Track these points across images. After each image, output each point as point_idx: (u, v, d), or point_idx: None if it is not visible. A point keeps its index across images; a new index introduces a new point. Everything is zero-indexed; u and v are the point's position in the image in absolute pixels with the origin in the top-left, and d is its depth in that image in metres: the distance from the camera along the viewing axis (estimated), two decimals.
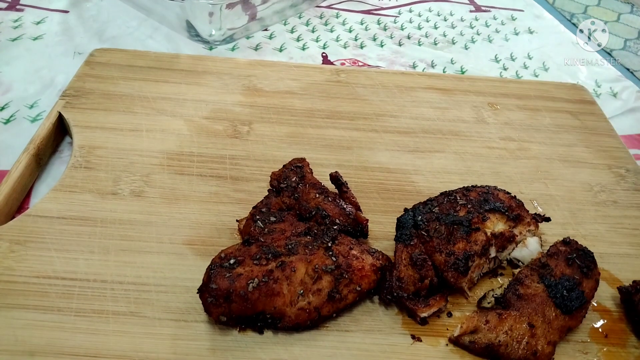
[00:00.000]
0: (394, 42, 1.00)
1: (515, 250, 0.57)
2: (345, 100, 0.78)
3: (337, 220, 0.55)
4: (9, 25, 0.90)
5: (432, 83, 0.83)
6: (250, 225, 0.54)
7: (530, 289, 0.52)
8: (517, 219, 0.57)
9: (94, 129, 0.67)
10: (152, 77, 0.77)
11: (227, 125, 0.71)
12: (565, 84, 0.87)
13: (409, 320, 0.51)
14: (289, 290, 0.48)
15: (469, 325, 0.50)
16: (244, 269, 0.48)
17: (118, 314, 0.49)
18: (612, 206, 0.66)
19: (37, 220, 0.56)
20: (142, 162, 0.64)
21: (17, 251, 0.53)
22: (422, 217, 0.56)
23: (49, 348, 0.46)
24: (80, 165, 0.63)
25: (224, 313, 0.47)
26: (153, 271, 0.53)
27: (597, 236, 0.62)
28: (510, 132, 0.76)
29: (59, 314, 0.48)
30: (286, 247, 0.50)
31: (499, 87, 0.84)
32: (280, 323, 0.48)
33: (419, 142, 0.72)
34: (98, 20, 0.94)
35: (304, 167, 0.61)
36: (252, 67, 0.82)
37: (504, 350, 0.48)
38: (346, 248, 0.52)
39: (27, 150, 0.63)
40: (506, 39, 1.05)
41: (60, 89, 0.77)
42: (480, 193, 0.59)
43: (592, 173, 0.71)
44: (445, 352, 0.50)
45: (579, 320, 0.51)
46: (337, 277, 0.50)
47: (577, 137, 0.76)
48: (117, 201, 0.59)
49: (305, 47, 0.95)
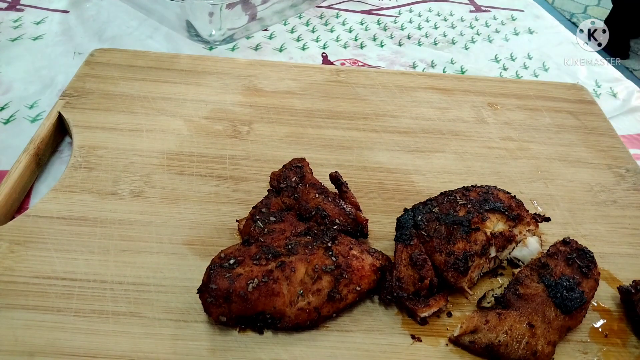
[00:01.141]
0: (394, 42, 1.00)
1: (515, 250, 0.57)
2: (345, 100, 0.78)
3: (337, 220, 0.55)
4: (9, 25, 0.90)
5: (432, 83, 0.83)
6: (250, 225, 0.54)
7: (530, 289, 0.52)
8: (517, 218, 0.57)
9: (94, 129, 0.67)
10: (152, 77, 0.77)
11: (227, 125, 0.71)
12: (565, 84, 0.87)
13: (409, 320, 0.51)
14: (289, 290, 0.48)
15: (469, 325, 0.49)
16: (243, 269, 0.48)
17: (118, 314, 0.49)
18: (612, 206, 0.66)
19: (37, 221, 0.56)
20: (142, 162, 0.64)
21: (17, 251, 0.53)
22: (422, 217, 0.56)
23: (49, 348, 0.46)
24: (80, 165, 0.63)
25: (223, 313, 0.47)
26: (153, 271, 0.53)
27: (597, 236, 0.62)
28: (510, 132, 0.76)
29: (58, 314, 0.48)
30: (286, 247, 0.50)
31: (499, 87, 0.84)
32: (280, 323, 0.48)
33: (419, 142, 0.72)
34: (98, 20, 0.94)
35: (303, 167, 0.61)
36: (252, 67, 0.82)
37: (503, 350, 0.48)
38: (346, 248, 0.52)
39: (27, 150, 0.63)
40: (506, 39, 1.05)
41: (60, 89, 0.77)
42: (480, 193, 0.59)
43: (592, 173, 0.70)
44: (445, 352, 0.50)
45: (578, 320, 0.51)
46: (337, 277, 0.50)
47: (577, 137, 0.76)
48: (117, 201, 0.59)
49: (305, 47, 0.95)
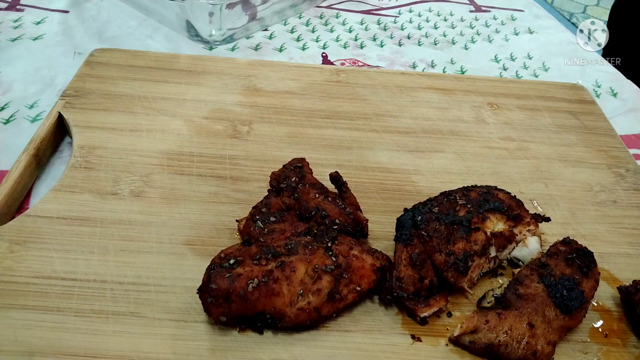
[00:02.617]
0: (394, 42, 1.00)
1: (515, 250, 0.57)
2: (345, 100, 0.78)
3: (337, 220, 0.55)
4: (9, 25, 0.90)
5: (432, 83, 0.83)
6: (250, 225, 0.54)
7: (530, 289, 0.52)
8: (517, 218, 0.57)
9: (94, 129, 0.67)
10: (152, 77, 0.77)
11: (227, 125, 0.71)
12: (565, 84, 0.87)
13: (409, 320, 0.51)
14: (289, 290, 0.48)
15: (469, 325, 0.49)
16: (243, 269, 0.48)
17: (118, 314, 0.49)
18: (612, 206, 0.66)
19: (37, 221, 0.56)
20: (142, 162, 0.64)
21: (17, 251, 0.53)
22: (422, 217, 0.56)
23: (49, 348, 0.46)
24: (80, 165, 0.63)
25: (223, 313, 0.47)
26: (153, 271, 0.53)
27: (597, 236, 0.62)
28: (510, 132, 0.76)
29: (58, 314, 0.48)
30: (286, 247, 0.50)
31: (499, 87, 0.84)
32: (280, 323, 0.48)
33: (419, 142, 0.72)
34: (98, 20, 0.94)
35: (303, 167, 0.61)
36: (252, 67, 0.82)
37: (503, 350, 0.48)
38: (346, 248, 0.52)
39: (27, 150, 0.63)
40: (506, 39, 1.05)
41: (60, 89, 0.77)
42: (480, 193, 0.59)
43: (592, 173, 0.70)
44: (445, 352, 0.50)
45: (578, 320, 0.51)
46: (337, 277, 0.50)
47: (577, 137, 0.76)
48: (117, 201, 0.59)
49: (305, 47, 0.95)
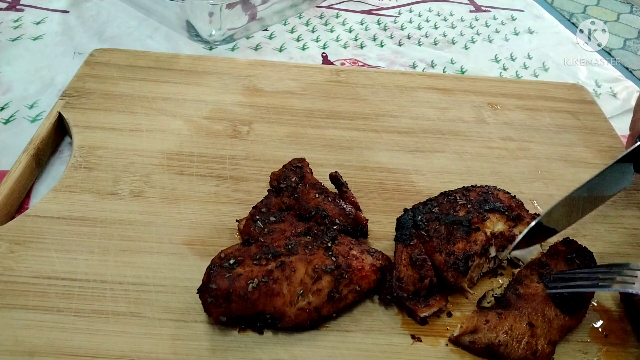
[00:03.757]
0: (394, 42, 1.00)
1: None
2: (345, 100, 0.78)
3: (337, 220, 0.55)
4: (9, 25, 0.90)
5: (432, 83, 0.83)
6: (250, 225, 0.54)
7: (530, 289, 0.52)
8: (517, 218, 0.57)
9: (93, 129, 0.67)
10: (152, 77, 0.77)
11: (227, 125, 0.71)
12: (565, 84, 0.87)
13: (409, 320, 0.51)
14: (289, 290, 0.48)
15: (469, 325, 0.49)
16: (243, 269, 0.48)
17: (118, 314, 0.49)
18: (611, 206, 0.66)
19: (37, 221, 0.56)
20: (142, 162, 0.64)
21: (16, 251, 0.53)
22: (422, 217, 0.56)
23: (49, 348, 0.46)
24: (80, 165, 0.63)
25: (223, 313, 0.47)
26: (153, 271, 0.53)
27: (597, 236, 0.62)
28: (510, 132, 0.76)
29: (58, 314, 0.48)
30: (286, 247, 0.50)
31: (499, 87, 0.84)
32: (280, 323, 0.48)
33: (419, 142, 0.72)
34: (98, 20, 0.94)
35: (303, 167, 0.61)
36: (252, 67, 0.82)
37: (504, 350, 0.48)
38: (346, 248, 0.52)
39: (27, 151, 0.63)
40: (506, 39, 1.05)
41: (60, 89, 0.77)
42: (480, 193, 0.59)
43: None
44: (445, 352, 0.50)
45: (579, 320, 0.51)
46: (337, 277, 0.50)
47: (577, 137, 0.76)
48: (117, 201, 0.59)
49: (305, 47, 0.95)
